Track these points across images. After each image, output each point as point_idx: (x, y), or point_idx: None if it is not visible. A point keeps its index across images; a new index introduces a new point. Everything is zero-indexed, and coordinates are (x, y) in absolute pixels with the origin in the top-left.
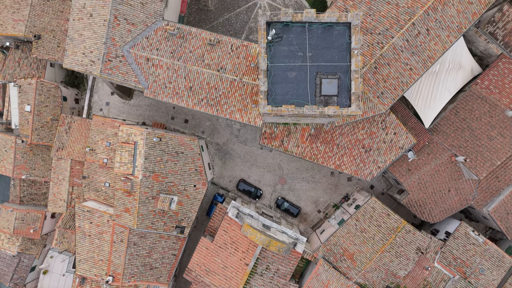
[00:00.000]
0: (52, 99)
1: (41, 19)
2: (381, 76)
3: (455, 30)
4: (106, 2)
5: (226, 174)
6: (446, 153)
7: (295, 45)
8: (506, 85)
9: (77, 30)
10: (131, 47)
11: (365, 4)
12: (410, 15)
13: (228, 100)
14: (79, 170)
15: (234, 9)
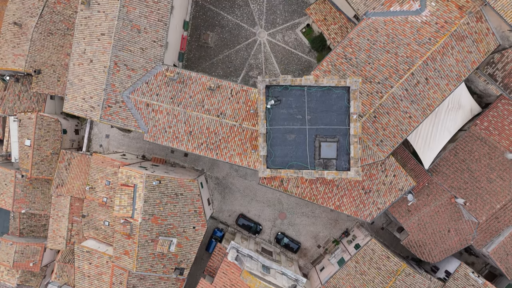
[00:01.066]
0: (52, 133)
1: (41, 54)
2: (380, 124)
3: (454, 78)
4: (106, 49)
5: (225, 208)
6: (446, 194)
7: (294, 108)
8: (506, 126)
9: (77, 75)
10: (131, 92)
11: (364, 52)
12: (409, 65)
13: (227, 145)
14: (78, 207)
15: (234, 46)
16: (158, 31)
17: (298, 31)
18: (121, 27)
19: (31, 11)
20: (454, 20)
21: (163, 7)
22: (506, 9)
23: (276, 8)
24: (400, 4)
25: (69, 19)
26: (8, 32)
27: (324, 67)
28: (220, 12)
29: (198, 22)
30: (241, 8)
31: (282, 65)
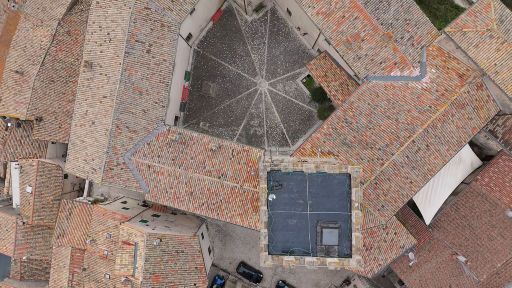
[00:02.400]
0: (53, 179)
1: (42, 101)
2: (382, 190)
3: (455, 144)
4: (108, 112)
5: (226, 255)
6: (447, 251)
7: (296, 192)
8: (507, 183)
9: (79, 136)
10: (132, 154)
11: (365, 117)
12: (410, 132)
13: (228, 205)
14: (79, 257)
15: (235, 96)
16: (160, 92)
17: (298, 81)
18: (123, 90)
19: (32, 58)
20: (455, 88)
21: (164, 68)
22: (507, 82)
23: (277, 58)
24: (400, 69)
25: (70, 67)
26: (10, 79)
27: (324, 130)
28: (221, 62)
29: (200, 72)
30: (242, 58)
31: (283, 115)
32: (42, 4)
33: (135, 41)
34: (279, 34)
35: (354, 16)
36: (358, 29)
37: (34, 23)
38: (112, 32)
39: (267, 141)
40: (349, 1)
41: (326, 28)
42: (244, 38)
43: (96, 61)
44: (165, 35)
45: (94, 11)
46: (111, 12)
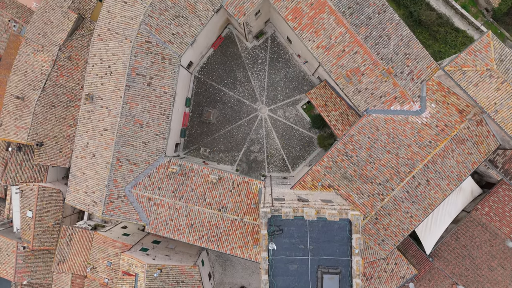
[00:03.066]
0: (54, 203)
1: (43, 126)
2: (382, 225)
3: (455, 178)
4: (109, 145)
5: (226, 281)
6: (448, 281)
7: (296, 237)
8: (507, 213)
9: (79, 168)
10: (133, 186)
11: (365, 150)
12: (410, 167)
13: (229, 237)
14: (80, 283)
15: (236, 121)
16: (161, 124)
17: (299, 107)
18: (124, 123)
19: (33, 84)
20: (455, 124)
21: (165, 100)
22: (507, 121)
23: (277, 84)
24: (400, 104)
25: (71, 91)
26: (11, 103)
27: (325, 163)
28: (222, 89)
29: (200, 98)
30: (243, 84)
31: (283, 140)
32: (43, 30)
33: (136, 75)
34: (279, 61)
35: (354, 51)
36: (358, 63)
37: (35, 48)
38: (113, 65)
39: (268, 167)
40: (349, 36)
41: (326, 61)
42: (245, 64)
43: (97, 94)
44: (166, 68)
45: (95, 43)
46: (112, 45)
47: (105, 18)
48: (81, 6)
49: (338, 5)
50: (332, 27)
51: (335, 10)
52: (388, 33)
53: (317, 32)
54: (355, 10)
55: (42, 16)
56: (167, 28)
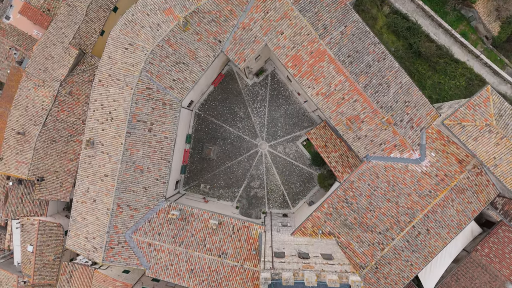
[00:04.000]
0: (54, 237)
1: (44, 161)
2: (382, 274)
3: (455, 227)
4: (109, 191)
5: None
6: None
7: None
8: (506, 254)
9: (80, 213)
10: (133, 232)
11: (365, 198)
12: (410, 217)
13: (229, 283)
14: None
15: (236, 158)
16: (161, 169)
17: (299, 143)
18: (125, 169)
19: (34, 119)
20: (454, 174)
21: (166, 145)
22: (506, 175)
23: (277, 121)
24: (400, 152)
25: (72, 126)
26: (11, 138)
27: (325, 209)
28: (222, 125)
29: (201, 134)
30: (243, 120)
31: (283, 176)
32: (44, 65)
33: (136, 121)
34: (279, 97)
35: (353, 99)
36: (357, 111)
37: (36, 83)
38: (114, 112)
39: (268, 203)
40: (348, 84)
41: (325, 108)
42: (245, 101)
43: (97, 139)
44: (166, 113)
45: (96, 89)
46: (112, 91)
47: (106, 64)
48: (82, 42)
49: (338, 54)
50: (331, 75)
51: (335, 59)
52: (387, 81)
53: (317, 80)
54: (355, 59)
55: (43, 50)
56: (167, 74)
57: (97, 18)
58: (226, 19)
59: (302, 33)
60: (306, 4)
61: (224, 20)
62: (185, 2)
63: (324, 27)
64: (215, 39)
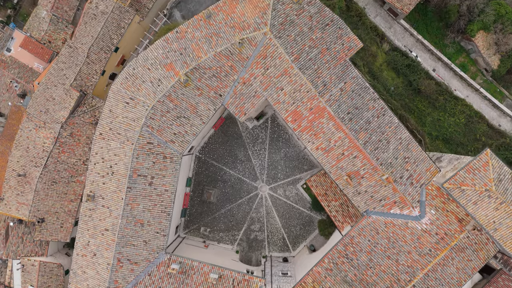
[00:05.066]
0: (55, 278)
1: (44, 203)
2: None
3: (455, 284)
4: (110, 245)
5: None
6: None
7: None
8: None
9: (80, 266)
10: (133, 286)
11: (365, 254)
12: (410, 275)
13: None
14: None
15: (236, 200)
16: (161, 222)
17: (299, 186)
18: (125, 224)
19: (35, 160)
20: (454, 233)
21: (166, 198)
22: (506, 239)
23: (278, 163)
24: (400, 208)
25: (73, 167)
26: (12, 178)
27: (325, 264)
28: (222, 167)
29: (201, 177)
30: (243, 163)
31: (284, 219)
32: (45, 106)
33: (137, 176)
34: (279, 140)
35: (353, 155)
36: (357, 167)
37: (37, 124)
38: (114, 166)
39: (268, 246)
40: (348, 141)
41: (325, 162)
42: (245, 144)
43: (98, 192)
44: (167, 166)
45: (97, 142)
46: (113, 146)
47: (107, 117)
48: (83, 83)
49: (337, 111)
50: (331, 132)
51: (335, 116)
52: (387, 137)
53: (317, 135)
54: (355, 115)
55: (44, 92)
56: (168, 128)
57: (98, 59)
58: (226, 74)
59: (301, 90)
60: (305, 62)
61: (224, 75)
62: (185, 58)
63: (324, 84)
64: (216, 93)
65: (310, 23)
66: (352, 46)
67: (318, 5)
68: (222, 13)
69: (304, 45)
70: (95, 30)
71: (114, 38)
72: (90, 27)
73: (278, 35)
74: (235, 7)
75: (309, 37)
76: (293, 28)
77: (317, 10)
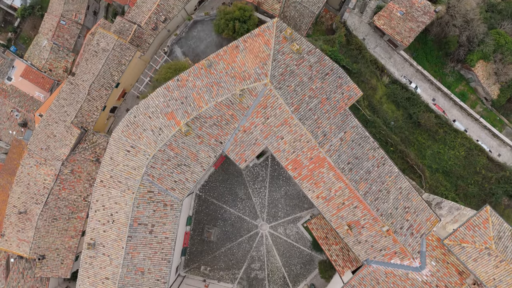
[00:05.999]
0: None
1: (45, 239)
2: None
3: None
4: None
5: None
6: None
7: None
8: None
9: None
10: None
11: None
12: None
13: None
14: None
15: (236, 239)
16: (162, 269)
17: (299, 224)
18: (125, 273)
19: (36, 197)
20: (455, 286)
21: (166, 245)
22: None
23: (278, 202)
24: (400, 259)
25: (73, 203)
26: (13, 215)
27: None
28: (223, 206)
29: (201, 216)
30: (244, 201)
31: (284, 258)
32: (46, 143)
33: (138, 224)
34: (279, 179)
35: (354, 205)
36: (358, 217)
37: (37, 161)
38: (115, 214)
39: (268, 285)
40: (348, 191)
41: (326, 211)
42: (246, 182)
43: (99, 240)
44: (167, 214)
45: (98, 189)
46: (114, 194)
47: (108, 165)
48: (83, 120)
49: (338, 161)
50: (331, 181)
51: (335, 167)
52: (387, 187)
53: (317, 184)
54: (355, 165)
55: (45, 128)
56: (169, 176)
57: (99, 96)
58: (227, 123)
59: (302, 140)
60: (305, 112)
61: (225, 123)
62: (187, 107)
63: (324, 134)
64: (217, 141)
65: (310, 73)
66: (352, 95)
67: (318, 54)
68: (223, 62)
69: (304, 95)
70: (96, 67)
71: (115, 75)
72: (91, 64)
73: (278, 85)
74: (236, 56)
75: (309, 87)
76: (293, 79)
77: (317, 59)
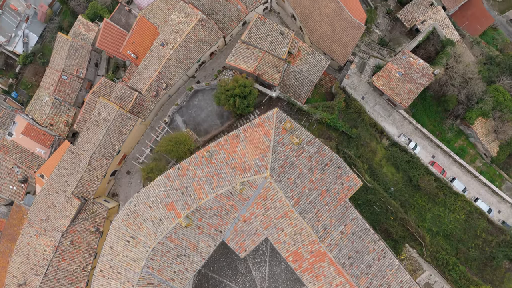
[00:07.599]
0: None
1: None
2: None
3: None
4: None
5: None
6: None
7: None
8: None
9: None
10: None
11: None
12: None
13: None
14: None
15: None
16: None
17: None
18: None
19: (36, 268)
20: None
21: None
22: None
23: (278, 276)
24: None
25: (73, 274)
26: (13, 285)
27: None
28: (222, 280)
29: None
30: (244, 275)
31: None
32: (46, 213)
33: None
34: (280, 252)
35: None
36: None
37: (37, 231)
38: None
39: None
40: (349, 287)
41: None
42: (246, 256)
43: None
44: None
45: (98, 279)
46: (114, 285)
47: (108, 254)
48: (84, 189)
49: (338, 255)
50: (332, 276)
51: (335, 262)
52: (388, 281)
53: (318, 277)
54: (355, 259)
55: (45, 198)
56: (168, 267)
57: (100, 166)
58: (227, 213)
59: (302, 233)
60: (306, 205)
61: (225, 213)
62: (187, 198)
63: (324, 227)
64: (216, 230)
65: (309, 164)
66: (351, 186)
67: (317, 144)
68: (223, 151)
69: (304, 187)
70: (97, 137)
71: (116, 144)
72: (92, 134)
73: (278, 178)
74: (236, 146)
75: (309, 179)
76: (293, 170)
77: (316, 149)
